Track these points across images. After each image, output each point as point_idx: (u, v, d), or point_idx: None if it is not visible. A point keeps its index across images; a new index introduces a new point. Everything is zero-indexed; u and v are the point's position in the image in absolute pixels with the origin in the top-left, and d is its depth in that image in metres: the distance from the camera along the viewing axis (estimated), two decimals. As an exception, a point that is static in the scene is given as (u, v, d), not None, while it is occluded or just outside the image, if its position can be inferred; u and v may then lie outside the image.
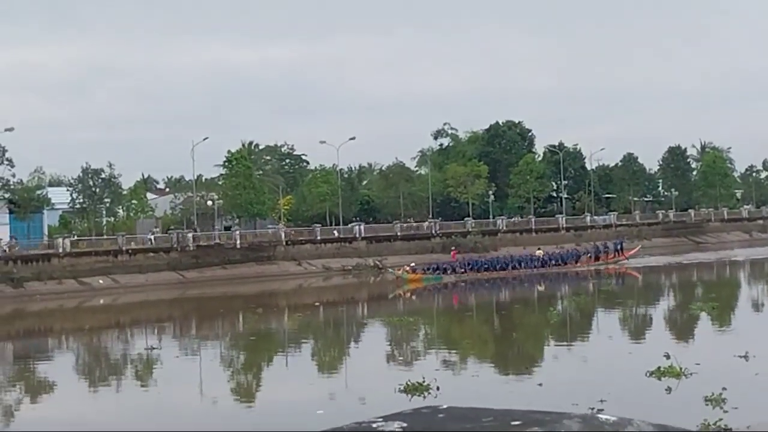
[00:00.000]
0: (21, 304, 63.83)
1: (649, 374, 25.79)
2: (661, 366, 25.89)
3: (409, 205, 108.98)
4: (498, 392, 26.32)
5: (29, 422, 26.34)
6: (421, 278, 71.40)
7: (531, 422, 3.25)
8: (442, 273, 72.97)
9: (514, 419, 3.28)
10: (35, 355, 42.93)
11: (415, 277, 71.26)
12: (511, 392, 26.21)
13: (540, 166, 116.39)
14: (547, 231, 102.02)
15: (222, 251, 79.30)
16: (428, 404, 3.54)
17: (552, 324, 44.41)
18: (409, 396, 24.62)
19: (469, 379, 29.65)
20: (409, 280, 70.74)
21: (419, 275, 71.84)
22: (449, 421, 3.25)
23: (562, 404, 18.83)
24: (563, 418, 3.30)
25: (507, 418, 3.30)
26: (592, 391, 23.46)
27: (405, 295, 64.73)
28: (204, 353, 40.91)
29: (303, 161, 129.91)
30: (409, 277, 71.07)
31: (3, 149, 76.20)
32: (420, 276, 71.84)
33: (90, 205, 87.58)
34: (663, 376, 25.55)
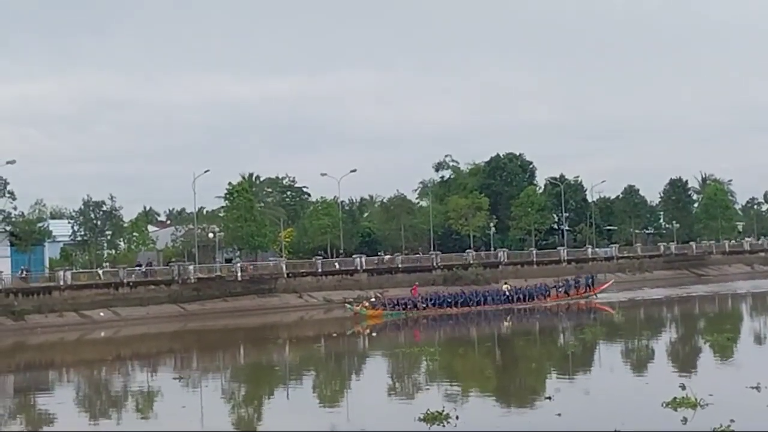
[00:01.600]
0: (22, 337, 63.73)
1: (665, 405, 26.22)
2: (677, 397, 26.37)
3: (410, 237, 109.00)
4: (516, 422, 26.50)
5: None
6: (381, 314, 68.97)
7: None
8: (403, 309, 70.00)
9: None
10: (36, 389, 42.79)
11: (374, 313, 68.88)
12: (529, 422, 26.38)
13: (541, 199, 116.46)
14: (548, 263, 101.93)
15: (223, 284, 79.27)
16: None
17: (568, 355, 44.64)
18: (429, 425, 25.14)
19: (488, 409, 29.89)
20: (369, 316, 68.44)
21: (379, 311, 69.42)
22: None
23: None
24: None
25: None
26: (610, 422, 23.85)
27: (364, 331, 62.25)
28: (205, 386, 40.80)
29: (304, 193, 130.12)
30: (368, 313, 68.78)
31: (4, 182, 76.31)
32: (380, 312, 69.30)
33: (91, 238, 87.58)
34: (679, 406, 26.02)
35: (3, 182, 76.20)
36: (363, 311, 69.23)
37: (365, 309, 69.51)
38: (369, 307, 69.83)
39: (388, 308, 69.97)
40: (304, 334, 64.05)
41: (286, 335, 61.81)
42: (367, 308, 69.68)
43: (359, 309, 69.66)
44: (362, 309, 69.57)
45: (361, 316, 68.47)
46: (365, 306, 70.08)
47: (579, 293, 78.90)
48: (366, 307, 69.82)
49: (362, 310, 69.46)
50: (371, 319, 67.81)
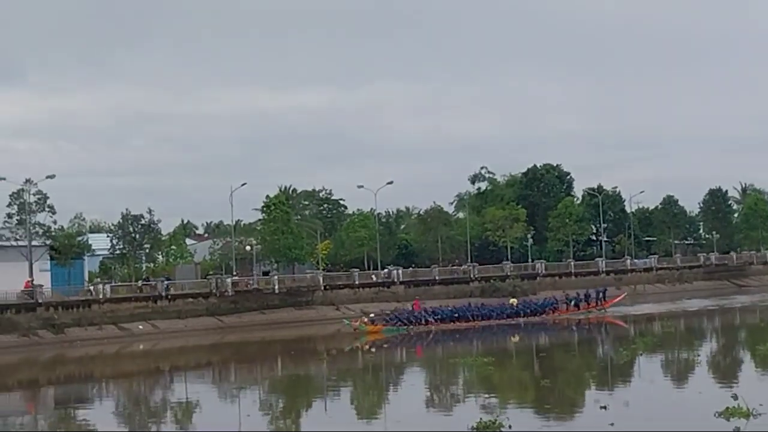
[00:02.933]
0: (62, 350, 64.19)
1: (718, 415, 26.35)
2: (729, 406, 26.53)
3: (447, 249, 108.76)
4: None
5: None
6: (381, 330, 67.19)
7: None
8: (405, 324, 67.94)
9: None
10: (76, 401, 43.05)
11: (374, 329, 67.03)
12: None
13: (579, 210, 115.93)
14: (586, 274, 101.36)
15: (260, 296, 79.47)
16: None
17: (621, 365, 44.77)
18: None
19: (539, 419, 29.96)
20: (368, 331, 66.47)
21: (379, 327, 67.59)
22: None
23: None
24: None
25: None
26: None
27: (363, 347, 60.56)
28: (243, 398, 40.84)
29: (341, 206, 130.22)
30: (367, 329, 66.82)
31: (44, 196, 76.93)
32: (380, 327, 67.53)
33: (130, 251, 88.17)
34: (731, 416, 26.12)
35: (43, 197, 76.85)
36: (362, 327, 67.26)
37: (364, 324, 67.57)
38: (368, 323, 67.90)
39: (389, 323, 68.13)
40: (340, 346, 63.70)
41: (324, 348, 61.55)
42: (367, 324, 67.70)
43: (358, 324, 67.69)
44: (361, 324, 67.63)
45: (360, 332, 66.56)
46: (364, 322, 68.13)
47: (590, 307, 76.90)
48: (365, 323, 67.87)
49: (361, 325, 67.51)
50: (371, 334, 65.87)
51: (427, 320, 68.67)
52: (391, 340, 63.68)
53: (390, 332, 66.30)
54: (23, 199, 76.57)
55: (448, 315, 69.96)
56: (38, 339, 66.26)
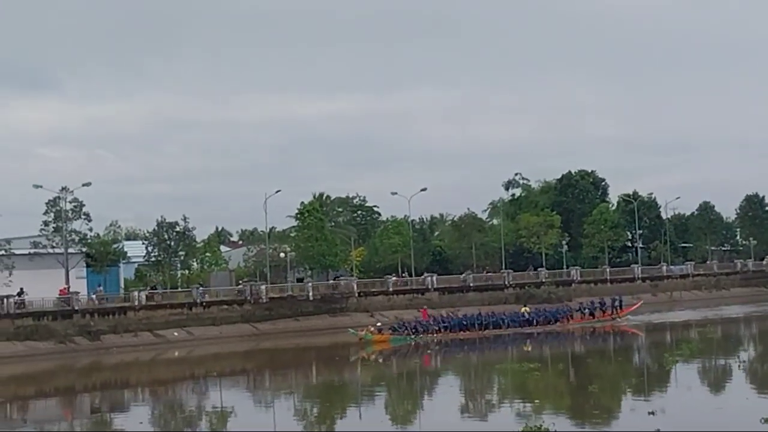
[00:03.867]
0: (98, 357, 64.53)
1: (764, 421, 26.46)
2: None
3: (481, 256, 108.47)
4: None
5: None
6: (388, 339, 65.54)
7: None
8: (413, 333, 66.36)
9: None
10: (112, 408, 43.23)
11: (381, 338, 65.41)
12: None
13: (614, 216, 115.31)
14: (622, 281, 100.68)
15: (295, 303, 79.54)
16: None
17: (667, 370, 44.88)
18: None
19: (589, 424, 30.22)
20: (374, 341, 64.99)
21: (386, 336, 65.94)
22: None
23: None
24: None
25: None
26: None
27: (369, 357, 59.79)
28: (278, 405, 40.84)
29: (374, 212, 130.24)
30: (374, 338, 65.24)
31: (80, 204, 77.49)
32: (387, 337, 65.80)
33: (165, 258, 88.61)
34: None
35: (79, 204, 77.40)
36: (368, 336, 65.57)
37: (371, 334, 65.91)
38: (375, 332, 66.33)
39: (396, 332, 66.58)
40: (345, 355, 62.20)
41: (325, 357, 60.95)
42: (373, 333, 66.17)
43: (364, 334, 65.81)
44: (367, 334, 65.85)
45: (366, 342, 64.94)
46: (370, 331, 66.54)
47: (605, 316, 74.74)
48: (371, 332, 66.20)
49: (367, 334, 65.75)
50: (377, 344, 64.52)
51: (436, 329, 67.25)
52: (398, 349, 62.58)
53: (397, 342, 64.94)
54: (59, 207, 77.16)
55: (457, 324, 68.60)
56: (74, 346, 66.66)
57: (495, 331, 68.12)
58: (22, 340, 65.27)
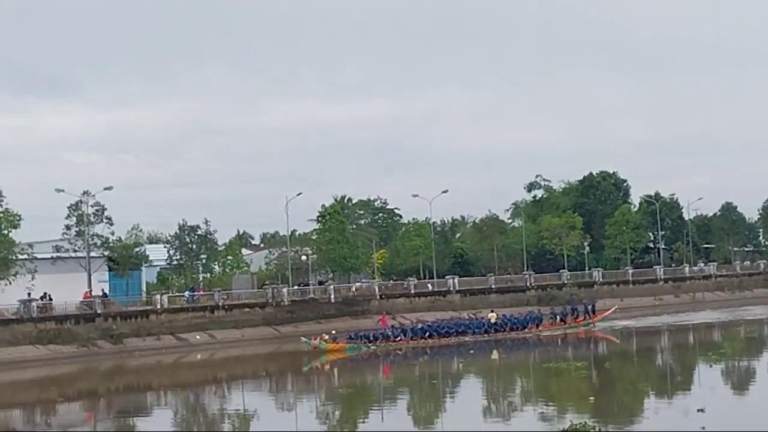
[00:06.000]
0: (120, 360, 64.74)
1: None
2: None
3: (503, 258, 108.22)
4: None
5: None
6: (344, 348, 63.15)
7: None
8: (371, 342, 63.82)
9: None
10: (135, 411, 43.35)
11: (336, 347, 62.92)
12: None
13: (636, 217, 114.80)
14: (644, 282, 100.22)
15: (316, 306, 79.56)
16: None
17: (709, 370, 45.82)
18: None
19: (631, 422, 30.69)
20: (329, 349, 62.48)
21: (342, 344, 63.45)
22: None
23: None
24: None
25: None
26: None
27: (323, 367, 58.02)
28: (300, 408, 40.86)
29: (396, 215, 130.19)
30: (328, 347, 62.59)
31: (102, 208, 77.75)
32: (343, 345, 63.36)
33: (187, 262, 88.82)
34: None
35: (101, 208, 77.68)
36: (322, 345, 62.86)
37: (325, 342, 63.11)
38: (329, 341, 63.48)
39: (352, 341, 64.09)
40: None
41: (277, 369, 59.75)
42: (327, 341, 63.29)
43: (318, 342, 63.21)
44: (321, 342, 63.15)
45: (320, 350, 62.46)
46: (324, 339, 63.54)
47: (577, 321, 72.18)
48: (326, 341, 63.31)
49: (321, 343, 63.02)
50: (332, 353, 62.13)
51: (396, 337, 65.02)
52: (354, 358, 60.62)
53: (353, 350, 62.72)
54: (82, 211, 77.44)
55: (419, 332, 66.31)
56: (97, 349, 66.90)
57: (459, 339, 65.46)
58: (46, 343, 65.55)
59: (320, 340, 63.51)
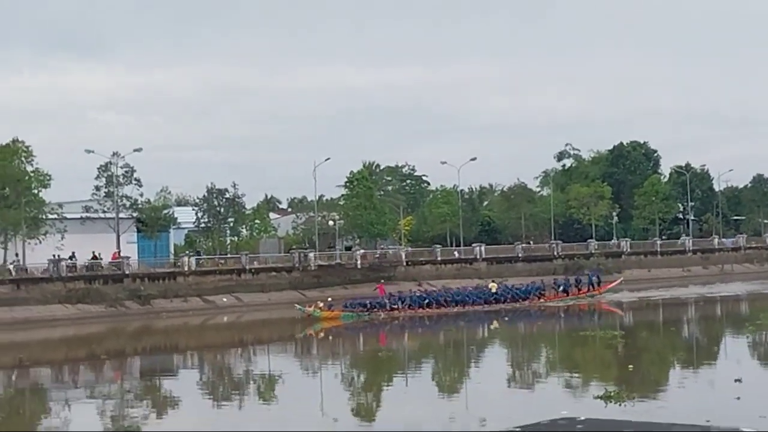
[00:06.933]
0: (148, 321, 65.25)
1: None
2: None
3: (530, 227, 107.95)
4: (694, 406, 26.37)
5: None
6: (339, 316, 61.54)
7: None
8: (368, 310, 62.31)
9: None
10: (161, 372, 43.72)
11: (330, 315, 61.31)
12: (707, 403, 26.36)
13: (666, 188, 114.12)
14: (672, 254, 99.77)
15: (343, 271, 79.74)
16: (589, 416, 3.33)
17: (747, 340, 45.73)
18: (606, 403, 25.88)
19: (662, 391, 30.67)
20: (323, 318, 61.11)
21: (336, 312, 61.80)
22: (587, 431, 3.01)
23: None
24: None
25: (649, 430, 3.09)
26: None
27: (317, 335, 57.16)
28: (325, 372, 41.04)
29: (424, 182, 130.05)
30: (322, 315, 61.17)
31: (131, 169, 78.19)
32: (338, 313, 61.70)
33: (214, 225, 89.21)
34: None
35: (130, 170, 78.11)
36: (317, 313, 61.51)
37: (319, 310, 61.72)
38: (324, 309, 61.98)
39: (348, 309, 62.43)
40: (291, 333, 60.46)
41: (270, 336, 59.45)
42: (322, 309, 61.83)
43: (312, 310, 61.96)
44: (315, 310, 61.80)
45: (314, 318, 61.30)
46: (319, 307, 62.05)
47: (580, 293, 70.59)
48: (320, 309, 61.89)
49: (315, 311, 61.69)
50: (326, 321, 60.88)
51: (393, 306, 63.40)
52: (350, 327, 59.54)
53: (348, 318, 61.28)
54: (111, 172, 77.93)
55: (417, 301, 64.82)
56: (125, 310, 67.45)
57: (459, 309, 64.24)
58: (74, 303, 66.18)
59: (315, 307, 62.25)
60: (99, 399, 35.02)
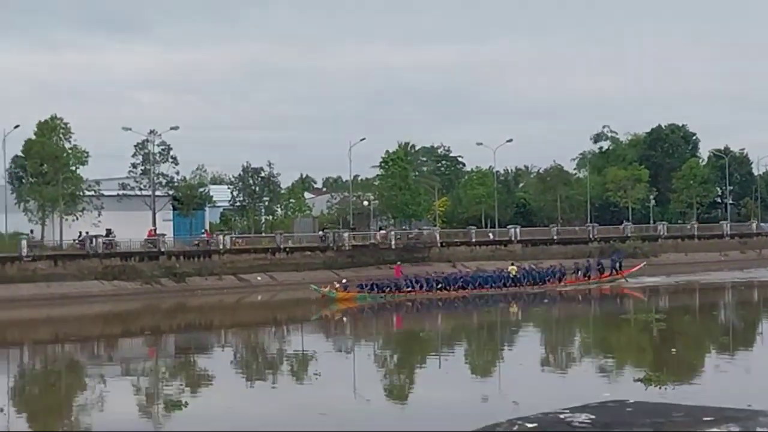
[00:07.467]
0: (183, 299, 65.65)
1: None
2: None
3: (566, 209, 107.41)
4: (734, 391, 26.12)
5: (185, 413, 26.74)
6: (354, 297, 60.90)
7: (724, 419, 2.91)
8: (383, 292, 61.36)
9: (706, 416, 2.95)
10: (196, 349, 43.93)
11: (346, 296, 60.77)
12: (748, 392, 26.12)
13: (704, 171, 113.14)
14: (710, 238, 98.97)
15: (377, 251, 79.74)
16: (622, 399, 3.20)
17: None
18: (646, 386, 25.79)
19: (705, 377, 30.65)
20: (339, 298, 60.46)
21: (352, 293, 61.13)
22: (638, 415, 2.89)
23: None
24: (759, 415, 2.97)
25: (699, 414, 2.97)
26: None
27: (332, 316, 57.14)
28: (358, 352, 41.06)
29: (459, 163, 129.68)
30: (338, 296, 60.50)
31: (168, 147, 78.61)
32: (353, 294, 60.99)
33: (249, 204, 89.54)
34: None
35: (166, 148, 78.52)
36: (332, 293, 60.83)
37: (335, 291, 61.10)
38: (340, 289, 61.30)
39: (363, 290, 61.44)
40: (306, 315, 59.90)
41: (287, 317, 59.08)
42: (338, 290, 61.23)
43: (327, 291, 61.31)
44: (331, 291, 61.19)
45: (329, 299, 60.69)
46: (335, 288, 61.47)
47: (602, 277, 69.68)
48: (336, 289, 61.28)
49: (331, 292, 61.07)
50: (342, 302, 60.28)
51: (409, 288, 62.60)
52: (365, 308, 59.19)
53: (363, 300, 60.58)
54: (147, 150, 78.39)
55: (434, 283, 63.87)
56: (160, 287, 67.87)
57: (476, 291, 63.40)
58: (110, 279, 66.69)
59: (330, 288, 61.59)
60: (134, 375, 35.29)
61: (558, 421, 2.77)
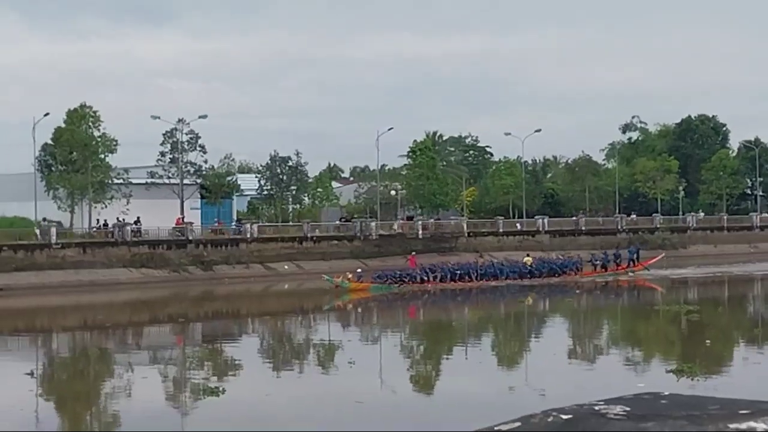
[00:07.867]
0: (210, 287, 65.89)
1: None
2: None
3: (594, 200, 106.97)
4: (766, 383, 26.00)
5: (212, 402, 26.81)
6: (368, 287, 60.09)
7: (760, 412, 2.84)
8: (397, 282, 60.66)
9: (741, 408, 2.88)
10: (223, 337, 44.08)
11: (360, 286, 60.04)
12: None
13: (734, 162, 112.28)
14: (739, 229, 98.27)
15: (404, 241, 79.69)
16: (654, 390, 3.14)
17: None
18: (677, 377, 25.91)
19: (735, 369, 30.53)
20: (352, 289, 59.86)
21: (366, 284, 60.42)
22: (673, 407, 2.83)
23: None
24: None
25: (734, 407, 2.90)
26: None
27: (345, 306, 56.91)
28: (385, 342, 41.07)
29: (487, 153, 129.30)
30: (351, 286, 59.93)
31: (196, 136, 78.87)
32: (367, 285, 60.19)
33: (277, 192, 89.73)
34: None
35: (195, 136, 78.77)
36: (345, 284, 60.04)
37: (348, 281, 60.38)
38: (353, 280, 60.66)
39: (377, 281, 60.81)
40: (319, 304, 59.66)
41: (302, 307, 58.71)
42: (351, 280, 60.58)
43: (340, 281, 60.35)
44: (344, 281, 60.36)
45: (342, 289, 59.80)
46: (348, 278, 60.65)
47: (619, 269, 69.23)
48: (349, 280, 60.51)
49: (344, 282, 60.21)
50: (355, 292, 59.67)
51: (423, 279, 62.01)
52: (379, 299, 58.52)
53: (377, 290, 59.80)
54: (176, 138, 78.70)
55: (449, 273, 63.03)
56: (188, 275, 68.18)
57: (491, 282, 62.66)
58: (138, 267, 67.06)
59: (343, 278, 60.70)
60: (161, 364, 35.44)
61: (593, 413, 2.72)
